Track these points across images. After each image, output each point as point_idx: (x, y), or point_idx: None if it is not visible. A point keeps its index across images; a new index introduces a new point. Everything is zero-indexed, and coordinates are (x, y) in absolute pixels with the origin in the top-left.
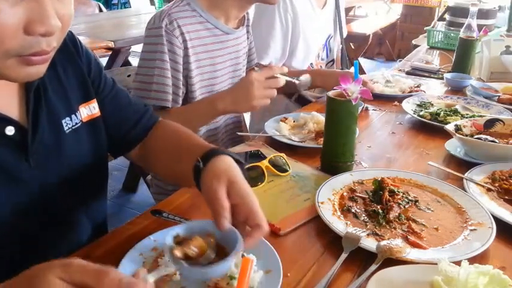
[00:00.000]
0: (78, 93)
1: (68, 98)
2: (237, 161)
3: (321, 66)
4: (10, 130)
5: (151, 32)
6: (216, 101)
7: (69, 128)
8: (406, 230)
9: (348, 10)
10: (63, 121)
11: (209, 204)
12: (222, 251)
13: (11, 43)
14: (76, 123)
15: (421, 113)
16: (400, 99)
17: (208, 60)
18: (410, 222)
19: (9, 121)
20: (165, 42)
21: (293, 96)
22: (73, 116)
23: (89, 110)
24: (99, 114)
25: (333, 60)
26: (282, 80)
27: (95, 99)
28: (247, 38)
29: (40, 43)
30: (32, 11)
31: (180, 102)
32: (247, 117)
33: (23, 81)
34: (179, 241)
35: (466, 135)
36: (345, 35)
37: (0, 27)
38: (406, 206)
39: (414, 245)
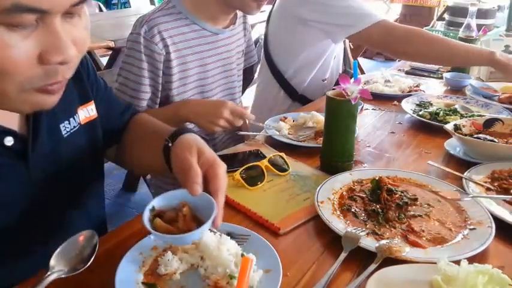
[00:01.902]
0: (77, 95)
1: (67, 101)
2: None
3: None
4: (9, 141)
5: (131, 37)
6: (181, 107)
7: (67, 131)
8: (405, 229)
9: None
10: (61, 125)
11: (181, 174)
12: (198, 220)
13: (25, 75)
14: (74, 126)
15: (420, 113)
16: (400, 98)
17: (196, 62)
18: (410, 221)
19: (7, 132)
20: (142, 50)
21: (297, 96)
22: (71, 119)
23: (87, 112)
24: (96, 116)
25: (334, 57)
26: (239, 123)
27: (92, 102)
28: (245, 35)
29: (56, 73)
30: (45, 41)
31: (158, 104)
32: None
33: (35, 111)
34: (155, 214)
35: (466, 135)
36: None
37: (13, 62)
38: (405, 205)
39: (413, 244)
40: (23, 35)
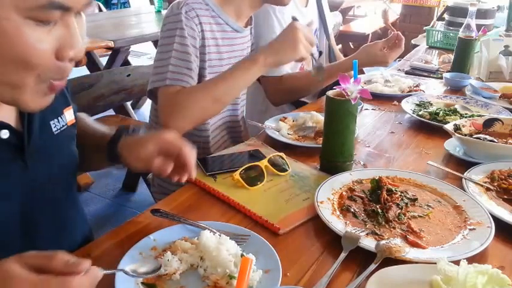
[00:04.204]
0: (61, 97)
1: (54, 100)
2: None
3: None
4: (5, 133)
5: (170, 19)
6: (256, 55)
7: (57, 129)
8: (405, 229)
9: (347, 10)
10: (51, 122)
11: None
12: None
13: (43, 69)
14: (63, 126)
15: (420, 113)
16: (400, 98)
17: (216, 54)
18: (410, 221)
19: (2, 125)
20: (184, 27)
21: None
22: (59, 118)
23: (70, 115)
24: (74, 121)
25: (320, 52)
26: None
27: (71, 107)
28: (250, 39)
29: (65, 69)
30: (63, 37)
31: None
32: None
33: (36, 110)
34: None
35: (465, 135)
36: (330, 30)
37: (39, 55)
38: (405, 206)
39: (413, 244)
40: (46, 31)
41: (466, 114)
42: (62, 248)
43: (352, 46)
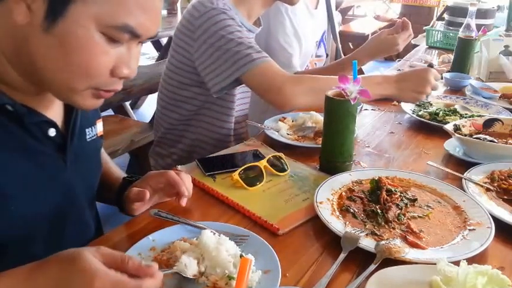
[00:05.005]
0: (95, 110)
1: (91, 111)
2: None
3: (315, 64)
4: (52, 132)
5: (209, 14)
6: (384, 83)
7: (90, 137)
8: (405, 230)
9: (346, 10)
10: (86, 130)
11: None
12: None
13: (97, 80)
14: (94, 135)
15: (420, 113)
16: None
17: None
18: (409, 222)
19: (51, 124)
20: (232, 17)
21: None
22: (92, 127)
23: (101, 127)
24: (102, 132)
25: (327, 55)
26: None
27: (101, 120)
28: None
29: (117, 83)
30: (122, 57)
31: None
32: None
33: (89, 109)
34: None
35: (465, 135)
36: (337, 32)
37: (98, 66)
38: (404, 206)
39: (413, 245)
40: (111, 48)
41: (466, 114)
42: (81, 242)
43: (351, 46)
